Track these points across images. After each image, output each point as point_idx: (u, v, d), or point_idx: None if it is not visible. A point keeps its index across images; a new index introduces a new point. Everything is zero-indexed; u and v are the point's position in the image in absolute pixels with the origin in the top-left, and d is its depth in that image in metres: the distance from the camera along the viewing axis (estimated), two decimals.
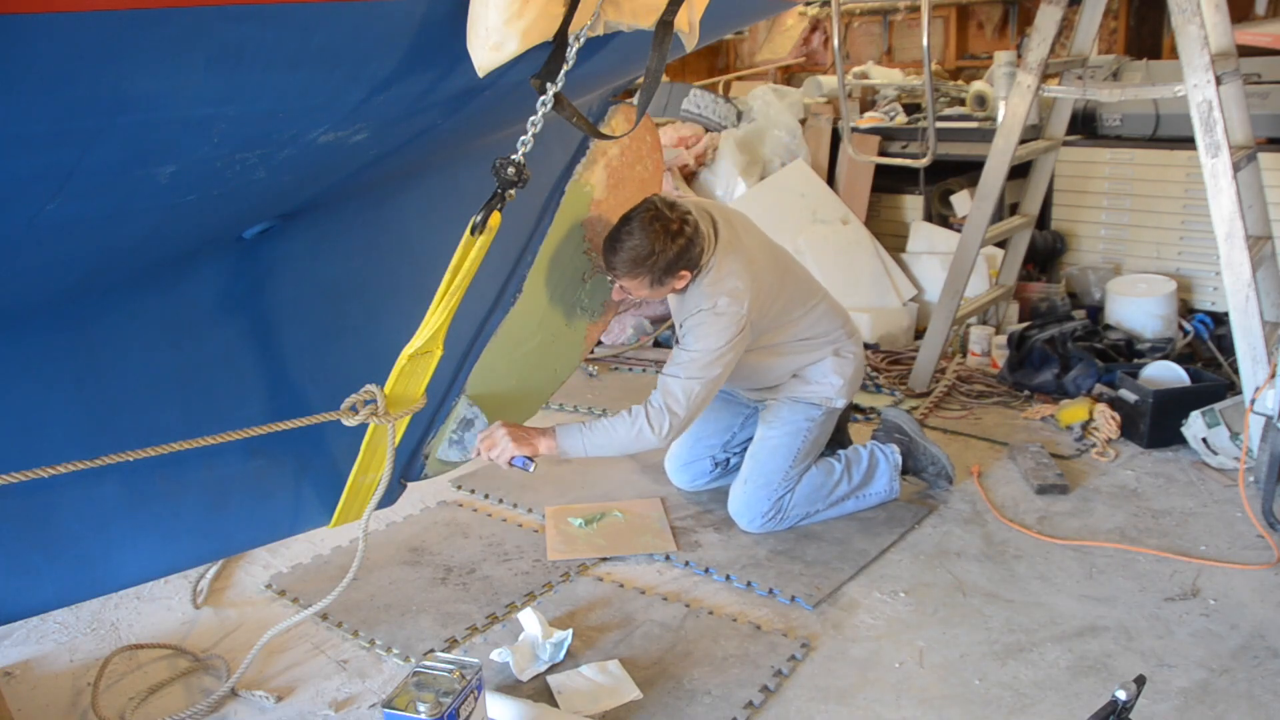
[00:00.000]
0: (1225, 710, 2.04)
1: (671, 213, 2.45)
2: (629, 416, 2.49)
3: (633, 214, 2.45)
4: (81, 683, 2.30)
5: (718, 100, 5.18)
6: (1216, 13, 3.20)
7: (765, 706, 2.12)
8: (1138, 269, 4.40)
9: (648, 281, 2.49)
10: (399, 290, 2.18)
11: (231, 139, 1.48)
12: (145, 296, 1.87)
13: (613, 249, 2.46)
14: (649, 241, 2.41)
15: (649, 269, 2.45)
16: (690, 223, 2.48)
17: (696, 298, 2.56)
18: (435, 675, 1.89)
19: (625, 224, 2.45)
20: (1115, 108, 4.41)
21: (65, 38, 1.19)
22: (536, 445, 2.47)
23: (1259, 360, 2.96)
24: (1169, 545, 2.68)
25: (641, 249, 2.42)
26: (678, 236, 2.45)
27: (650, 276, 2.48)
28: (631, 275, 2.48)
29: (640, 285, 2.51)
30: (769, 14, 5.99)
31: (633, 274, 2.47)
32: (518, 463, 2.47)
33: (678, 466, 3.10)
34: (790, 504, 2.80)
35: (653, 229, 2.42)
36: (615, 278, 2.52)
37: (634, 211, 2.46)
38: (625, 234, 2.44)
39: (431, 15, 1.55)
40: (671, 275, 2.50)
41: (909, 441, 3.01)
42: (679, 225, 2.45)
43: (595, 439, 2.51)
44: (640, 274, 2.47)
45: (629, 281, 2.50)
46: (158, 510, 2.01)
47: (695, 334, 2.54)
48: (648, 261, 2.43)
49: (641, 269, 2.45)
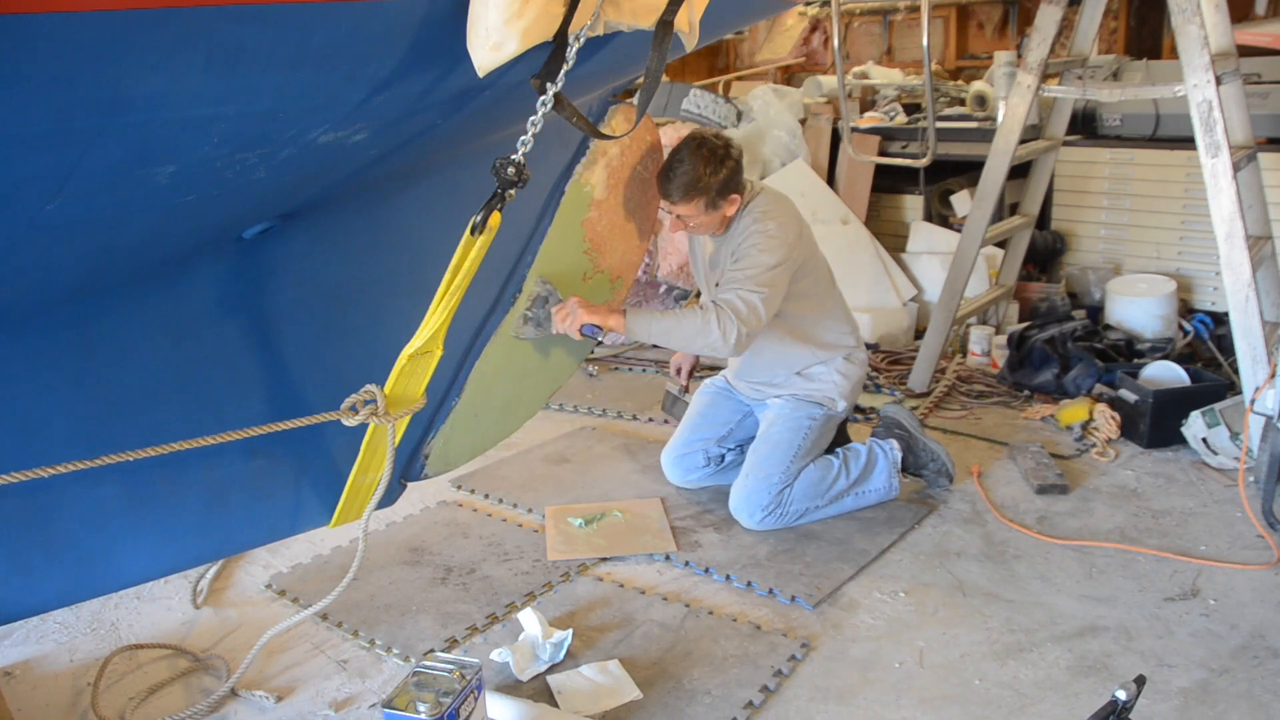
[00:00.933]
0: (1225, 710, 2.04)
1: (717, 140, 2.66)
2: (698, 314, 2.58)
3: (680, 146, 2.64)
4: (81, 683, 2.30)
5: (718, 100, 5.18)
6: (1216, 13, 3.21)
7: (765, 706, 2.12)
8: (1138, 269, 4.40)
9: (703, 205, 2.65)
10: (399, 290, 2.18)
11: (231, 139, 1.48)
12: (145, 296, 1.87)
13: (667, 178, 2.63)
14: (699, 165, 2.60)
15: (703, 191, 2.62)
16: (735, 149, 2.68)
17: (746, 223, 2.72)
18: (435, 675, 1.89)
19: (675, 154, 2.64)
20: (1115, 108, 4.41)
21: (65, 38, 1.19)
22: (607, 319, 2.57)
23: (1259, 360, 2.96)
24: (1169, 545, 2.68)
25: (694, 173, 2.60)
26: (726, 159, 2.64)
27: (705, 199, 2.64)
28: (687, 199, 2.64)
29: (696, 210, 2.66)
30: (769, 14, 5.99)
31: (688, 198, 2.63)
32: (587, 330, 2.56)
33: (672, 460, 3.11)
34: (790, 498, 2.81)
35: (701, 154, 2.60)
36: (672, 207, 2.68)
37: (681, 143, 2.64)
38: (677, 162, 2.62)
39: (431, 15, 1.55)
40: (724, 198, 2.68)
41: (908, 437, 3.01)
42: (724, 150, 2.65)
43: (663, 325, 2.62)
44: (695, 197, 2.63)
45: (685, 208, 2.66)
46: (158, 510, 2.02)
47: (749, 253, 2.67)
48: (700, 184, 2.61)
49: (696, 192, 2.62)
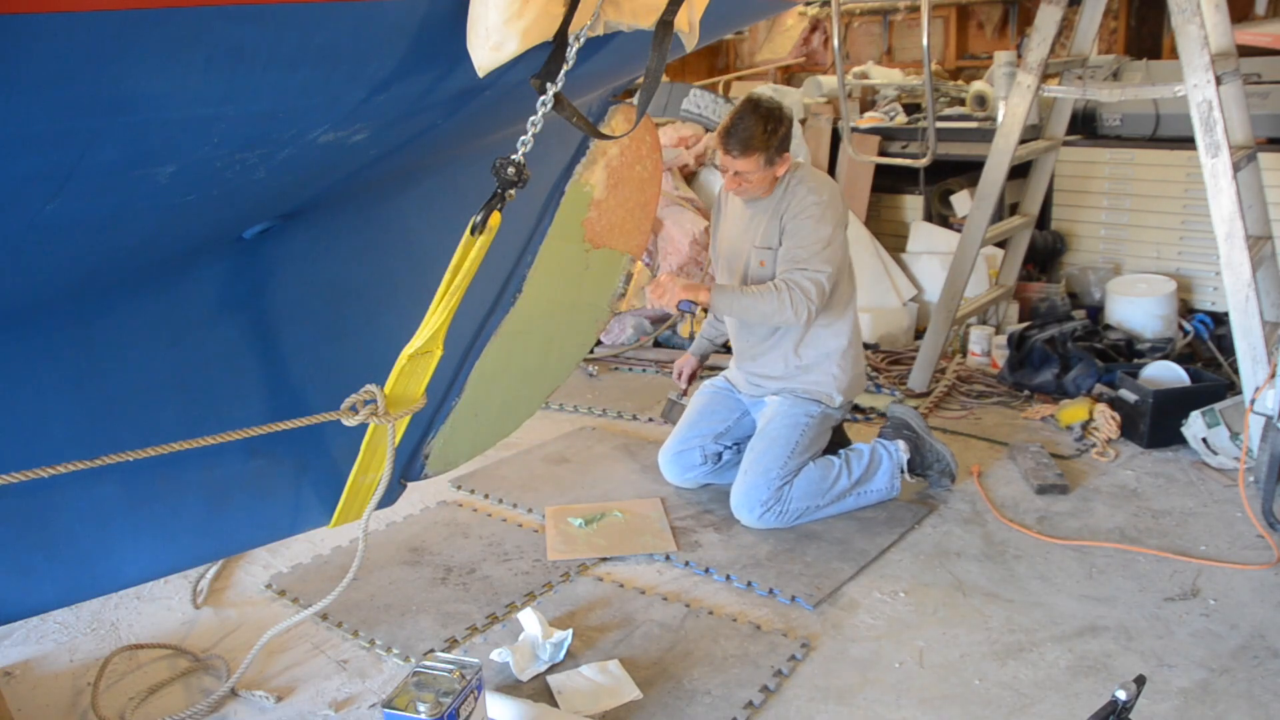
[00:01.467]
0: (1225, 710, 2.04)
1: (772, 102, 2.83)
2: (775, 292, 2.78)
3: (740, 107, 2.82)
4: (81, 683, 2.30)
5: (718, 100, 5.18)
6: (1216, 13, 3.20)
7: (765, 706, 2.12)
8: (1138, 269, 4.40)
9: (761, 161, 2.80)
10: (399, 290, 2.18)
11: (231, 139, 1.48)
12: (145, 296, 1.87)
13: (729, 135, 2.79)
14: (759, 124, 2.77)
15: (762, 148, 2.78)
16: (788, 111, 2.86)
17: (798, 192, 2.86)
18: (435, 675, 1.89)
19: (736, 114, 2.81)
20: (1115, 108, 4.41)
21: (65, 38, 1.19)
22: (699, 293, 2.81)
23: (1259, 360, 2.96)
24: (1169, 545, 2.68)
25: (754, 130, 2.77)
26: (781, 120, 2.82)
27: (764, 155, 2.79)
28: (747, 155, 2.78)
29: (754, 165, 2.80)
30: (769, 14, 5.99)
31: (748, 153, 2.78)
32: (684, 306, 2.82)
33: (669, 458, 3.12)
34: (790, 495, 2.81)
35: (759, 114, 2.78)
36: (732, 162, 2.80)
37: (740, 105, 2.83)
38: (738, 119, 2.79)
39: (431, 15, 1.55)
40: (779, 156, 2.83)
41: (916, 438, 3.01)
42: (779, 111, 2.82)
43: (743, 303, 2.83)
44: (754, 153, 2.78)
45: (744, 162, 2.80)
46: (158, 510, 2.02)
47: (808, 225, 2.82)
48: (758, 141, 2.77)
49: (755, 148, 2.77)
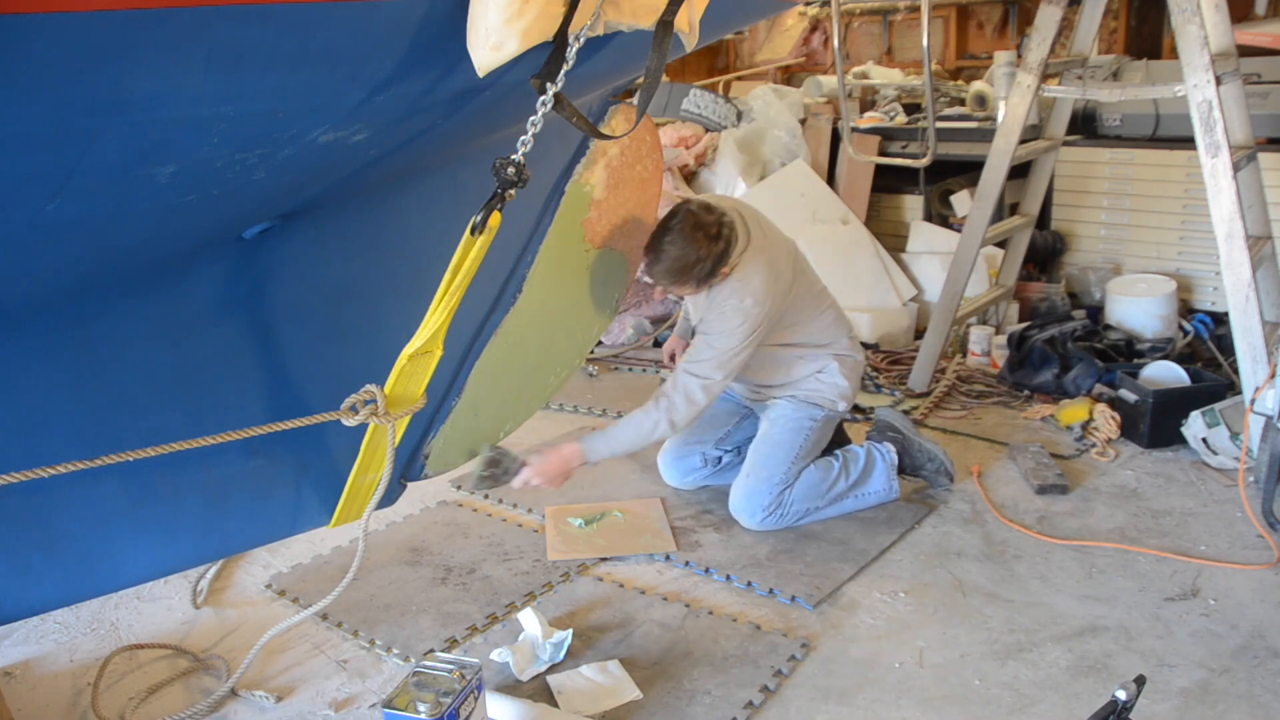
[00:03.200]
0: (1225, 710, 2.04)
1: (710, 216, 2.52)
2: (644, 415, 2.62)
3: (672, 223, 2.52)
4: (81, 683, 2.30)
5: (718, 100, 5.18)
6: (1216, 13, 3.20)
7: (765, 706, 2.12)
8: (1138, 269, 4.40)
9: (693, 286, 2.60)
10: (399, 290, 2.18)
11: (231, 139, 1.48)
12: (145, 296, 1.87)
13: (657, 259, 2.53)
14: (693, 249, 2.49)
15: (694, 275, 2.54)
16: (727, 224, 2.55)
17: (725, 294, 2.64)
18: (435, 675, 1.89)
19: (665, 234, 2.51)
20: (1115, 108, 4.41)
21: (65, 38, 1.19)
22: (569, 465, 2.63)
23: (1259, 360, 2.96)
24: (1169, 545, 2.68)
25: (687, 258, 2.50)
26: (717, 240, 2.51)
27: (695, 282, 2.57)
28: (677, 284, 2.57)
29: (685, 289, 2.62)
30: (769, 14, 5.99)
31: (678, 282, 2.57)
32: None
33: (669, 461, 3.11)
34: (791, 499, 2.81)
35: (695, 237, 2.48)
36: (659, 285, 2.62)
37: (673, 221, 2.52)
38: (669, 244, 2.50)
39: (431, 15, 1.55)
40: (714, 275, 2.59)
41: (903, 439, 3.02)
42: (717, 229, 2.51)
43: (617, 442, 2.65)
44: (686, 281, 2.57)
45: (674, 288, 2.61)
46: (158, 510, 2.02)
47: (719, 331, 2.64)
48: (694, 269, 2.52)
49: (687, 276, 2.55)
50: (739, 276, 2.62)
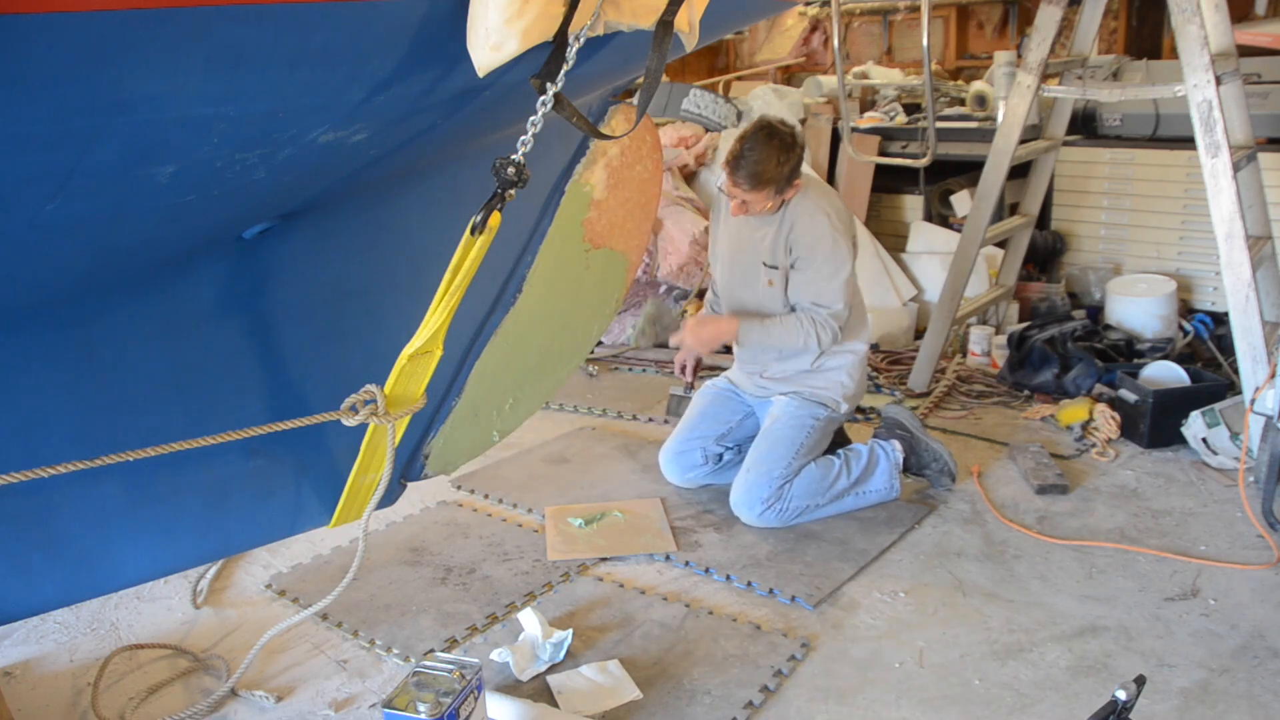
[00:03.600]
0: (1225, 710, 2.04)
1: (784, 128, 2.72)
2: (799, 326, 2.81)
3: (750, 133, 2.69)
4: (81, 683, 2.30)
5: (718, 100, 5.18)
6: (1216, 13, 3.20)
7: (765, 706, 2.12)
8: (1138, 269, 4.40)
9: (772, 191, 2.72)
10: (399, 290, 2.18)
11: (231, 139, 1.48)
12: (145, 296, 1.87)
13: (737, 166, 2.68)
14: (770, 155, 2.65)
15: (772, 181, 2.69)
16: (799, 136, 2.75)
17: (807, 215, 2.78)
18: (435, 675, 1.89)
19: (746, 142, 2.68)
20: (1115, 108, 4.41)
21: (65, 38, 1.19)
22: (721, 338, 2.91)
23: (1259, 360, 2.96)
24: (1169, 545, 2.68)
25: (766, 163, 2.66)
26: (792, 148, 2.69)
27: (774, 187, 2.71)
28: (756, 188, 2.70)
29: (764, 197, 2.73)
30: (769, 14, 5.99)
31: (758, 187, 2.70)
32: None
33: (670, 458, 3.12)
34: (791, 493, 2.81)
35: (772, 144, 2.66)
36: (740, 193, 2.72)
37: (751, 130, 2.70)
38: (748, 150, 2.66)
39: (431, 15, 1.55)
40: (789, 184, 2.74)
41: (910, 437, 3.02)
42: (792, 139, 2.71)
43: (771, 337, 2.85)
44: (764, 186, 2.69)
45: (753, 195, 2.71)
46: (158, 510, 2.02)
47: (822, 259, 2.78)
48: (770, 175, 2.67)
49: (767, 181, 2.68)
50: (814, 201, 2.77)
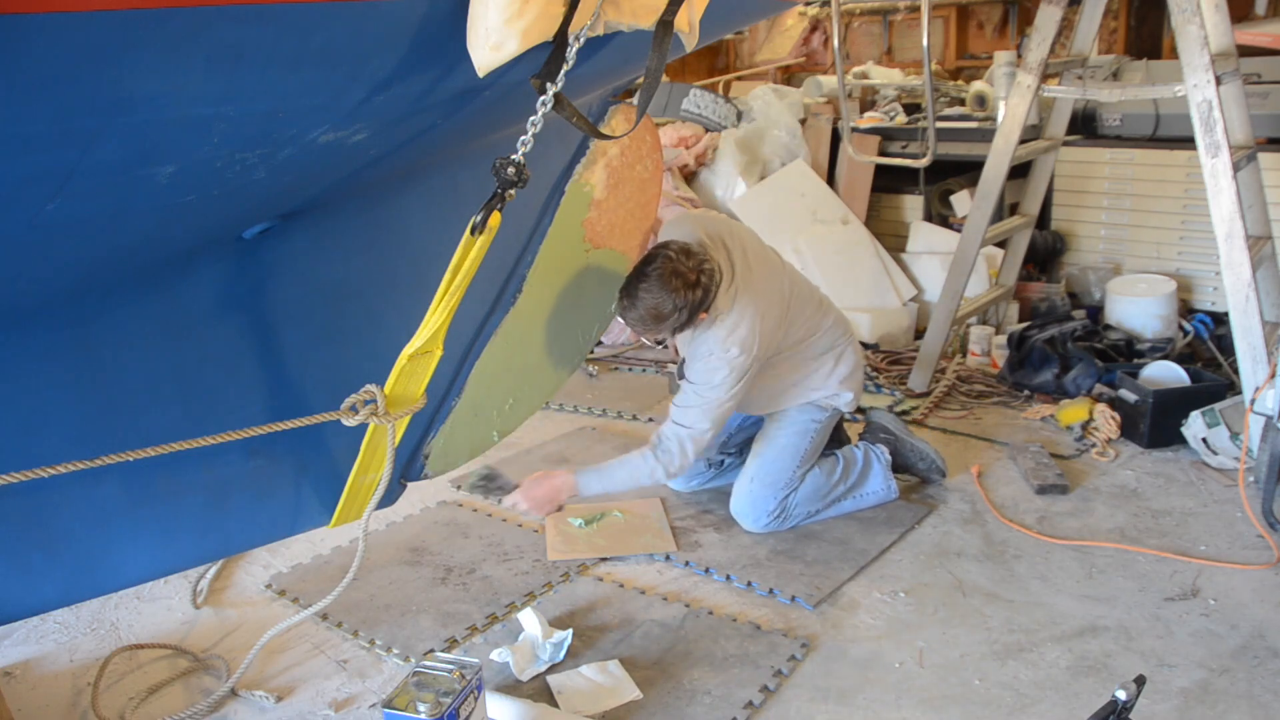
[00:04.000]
0: (1225, 710, 2.04)
1: (689, 262, 2.41)
2: (640, 460, 2.62)
3: (649, 269, 2.41)
4: (81, 683, 2.30)
5: (718, 100, 5.18)
6: (1216, 13, 3.20)
7: (765, 706, 2.12)
8: (1138, 269, 4.40)
9: (669, 331, 2.50)
10: (399, 290, 2.18)
11: (231, 139, 1.48)
12: (145, 296, 1.87)
13: (632, 305, 2.43)
14: (669, 297, 2.38)
15: (670, 324, 2.45)
16: (707, 271, 2.44)
17: (709, 342, 2.56)
18: (435, 675, 1.89)
19: (642, 280, 2.40)
20: (1115, 108, 4.41)
21: (65, 38, 1.19)
22: (559, 499, 2.65)
23: (1259, 360, 2.96)
24: (1169, 545, 2.68)
25: (662, 306, 2.40)
26: (695, 288, 2.40)
27: (672, 329, 2.49)
28: (652, 331, 2.49)
29: (659, 334, 2.53)
30: (769, 14, 5.99)
31: (653, 330, 2.48)
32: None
33: None
34: (794, 503, 2.81)
35: (672, 284, 2.38)
36: (635, 331, 2.56)
37: (650, 266, 2.41)
38: (644, 291, 2.39)
39: (431, 15, 1.55)
40: (691, 321, 2.50)
41: (894, 440, 3.05)
42: (696, 276, 2.41)
43: (613, 478, 2.65)
44: (661, 329, 2.48)
45: (650, 335, 2.54)
46: (158, 510, 2.01)
47: (706, 380, 2.58)
48: (670, 318, 2.43)
49: (662, 324, 2.45)
50: (724, 321, 2.54)
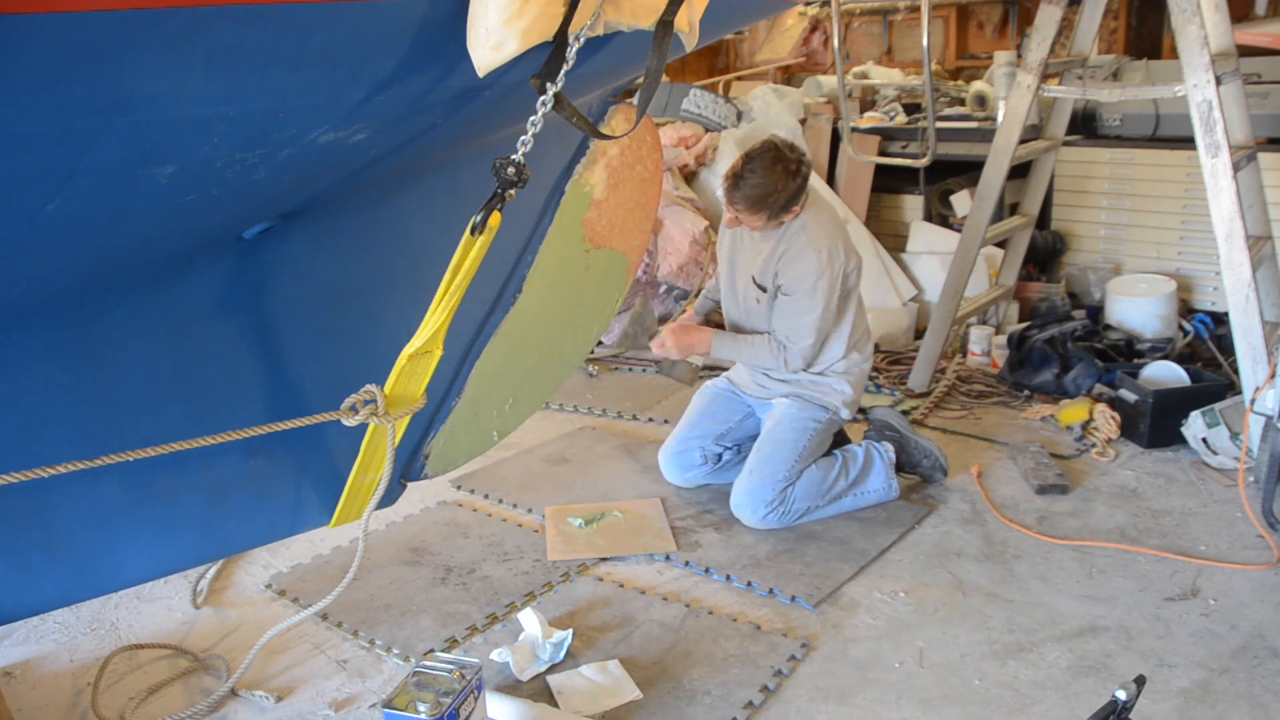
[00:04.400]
0: (1225, 710, 2.04)
1: (791, 154, 2.68)
2: (769, 348, 2.83)
3: (756, 153, 2.66)
4: (81, 683, 2.30)
5: (718, 100, 5.18)
6: (1216, 13, 3.21)
7: (765, 706, 2.12)
8: (1138, 269, 4.40)
9: (766, 216, 2.70)
10: (399, 290, 2.18)
11: (231, 139, 1.48)
12: (145, 296, 1.87)
13: (737, 186, 2.66)
14: (772, 181, 2.62)
15: (770, 205, 2.66)
16: (806, 163, 2.70)
17: (800, 243, 2.76)
18: (435, 675, 1.89)
19: (749, 162, 2.64)
20: (1115, 108, 4.41)
21: (65, 38, 1.19)
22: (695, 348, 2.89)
23: (1259, 360, 2.96)
24: (1169, 545, 2.68)
25: (766, 187, 2.63)
26: (795, 175, 2.65)
27: (769, 212, 2.69)
28: (753, 210, 2.69)
29: (758, 219, 2.72)
30: (769, 14, 5.99)
31: (754, 209, 2.69)
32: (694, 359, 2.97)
33: (669, 458, 3.12)
34: (793, 495, 2.82)
35: (775, 170, 2.62)
36: (736, 212, 2.70)
37: (757, 151, 2.66)
38: (749, 172, 2.63)
39: (431, 15, 1.55)
40: (786, 211, 2.72)
41: (900, 437, 3.05)
42: (797, 165, 2.66)
43: (742, 354, 2.89)
44: (761, 210, 2.68)
45: (748, 215, 2.69)
46: (158, 510, 2.02)
47: (801, 292, 2.77)
48: (770, 199, 2.65)
49: (763, 205, 2.67)
50: (809, 229, 2.74)
